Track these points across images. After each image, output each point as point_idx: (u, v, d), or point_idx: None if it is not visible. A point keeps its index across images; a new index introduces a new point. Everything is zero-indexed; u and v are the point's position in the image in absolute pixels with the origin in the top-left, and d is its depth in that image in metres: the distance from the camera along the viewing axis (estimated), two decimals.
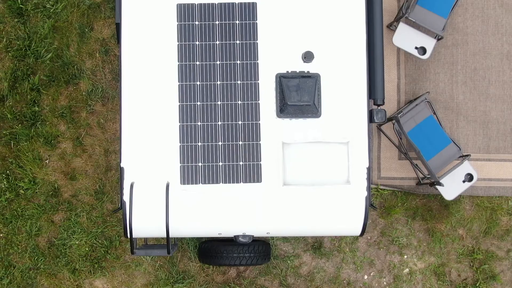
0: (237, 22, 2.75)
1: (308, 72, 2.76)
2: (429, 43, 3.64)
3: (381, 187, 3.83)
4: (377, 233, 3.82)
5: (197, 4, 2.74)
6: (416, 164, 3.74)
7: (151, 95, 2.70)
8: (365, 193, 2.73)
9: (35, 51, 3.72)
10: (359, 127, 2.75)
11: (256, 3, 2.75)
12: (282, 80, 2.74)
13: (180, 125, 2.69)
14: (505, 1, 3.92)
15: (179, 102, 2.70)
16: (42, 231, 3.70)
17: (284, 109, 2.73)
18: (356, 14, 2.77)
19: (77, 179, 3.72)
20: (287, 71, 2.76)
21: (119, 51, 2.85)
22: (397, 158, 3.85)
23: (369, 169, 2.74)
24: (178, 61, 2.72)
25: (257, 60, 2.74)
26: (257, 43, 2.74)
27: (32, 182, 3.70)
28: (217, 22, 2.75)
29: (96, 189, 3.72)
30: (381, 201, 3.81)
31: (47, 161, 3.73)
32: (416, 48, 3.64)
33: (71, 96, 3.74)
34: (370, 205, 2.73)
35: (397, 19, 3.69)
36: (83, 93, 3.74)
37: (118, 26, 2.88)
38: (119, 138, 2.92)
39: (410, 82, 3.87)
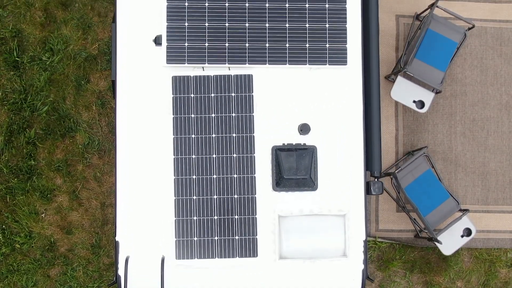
0: (233, 94, 2.73)
1: (304, 144, 2.74)
2: (427, 97, 3.62)
3: (379, 239, 3.80)
4: (375, 286, 3.79)
5: (193, 76, 2.72)
6: (414, 219, 3.72)
7: (147, 168, 2.68)
8: (362, 266, 2.71)
9: (31, 104, 3.70)
10: (356, 200, 2.73)
11: (252, 75, 2.73)
12: (278, 153, 2.72)
13: (175, 199, 2.67)
14: (504, 50, 3.90)
15: (174, 175, 2.68)
16: (38, 286, 3.68)
17: (280, 182, 2.71)
18: (353, 87, 2.75)
19: (73, 233, 3.70)
20: (283, 144, 2.74)
21: (114, 113, 2.83)
22: (395, 210, 3.82)
23: (365, 242, 2.72)
24: (174, 134, 2.70)
25: (253, 133, 2.72)
26: (253, 115, 2.72)
27: (28, 237, 3.68)
28: (212, 95, 2.73)
29: (93, 243, 3.70)
30: (379, 253, 3.79)
31: (43, 215, 3.71)
32: (414, 102, 3.62)
33: (67, 149, 3.72)
34: (366, 278, 2.71)
35: (395, 73, 3.67)
36: (80, 146, 3.72)
37: (113, 83, 2.86)
38: (114, 212, 2.91)
39: (409, 134, 3.85)
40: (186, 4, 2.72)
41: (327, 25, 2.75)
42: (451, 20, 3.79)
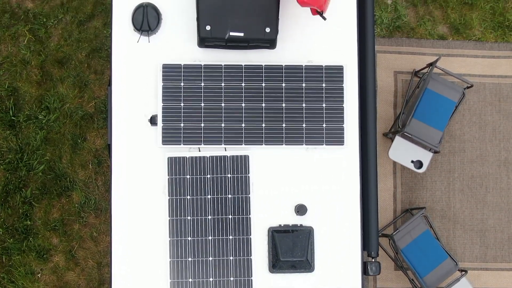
0: (229, 175, 2.71)
1: (301, 225, 2.72)
2: (426, 157, 3.60)
3: None
4: None
5: (189, 157, 2.70)
6: (412, 279, 3.70)
7: (142, 251, 2.67)
8: None
9: (27, 164, 3.68)
10: (353, 281, 2.71)
11: (248, 156, 2.71)
12: (275, 235, 2.70)
13: (170, 282, 2.65)
14: (503, 106, 3.88)
15: (170, 258, 2.66)
16: None
17: (277, 264, 2.69)
18: (350, 167, 2.74)
19: None
20: (280, 225, 2.72)
21: (109, 188, 2.81)
22: (393, 268, 3.81)
23: None
24: (169, 216, 2.68)
25: (250, 214, 2.70)
26: (249, 197, 2.70)
27: None
28: (208, 176, 2.71)
29: None
30: None
31: (39, 275, 3.69)
32: (412, 161, 3.60)
33: (63, 208, 3.70)
34: None
35: (393, 133, 3.65)
36: (76, 205, 3.70)
37: (109, 147, 2.84)
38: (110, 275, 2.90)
39: (407, 191, 3.83)
40: (182, 84, 2.70)
41: (324, 105, 2.73)
42: (448, 76, 3.78)
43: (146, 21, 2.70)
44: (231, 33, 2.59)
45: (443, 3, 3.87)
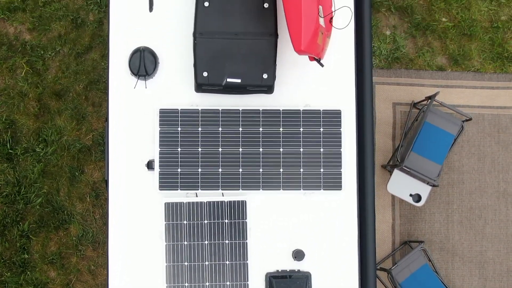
0: (226, 221, 2.70)
1: (298, 271, 2.71)
2: (424, 190, 3.59)
3: None
4: None
5: (186, 202, 2.69)
6: None
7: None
8: None
9: (25, 197, 3.68)
10: None
11: (245, 201, 2.70)
12: (273, 281, 2.69)
13: None
14: (502, 138, 3.87)
15: None
16: None
17: None
18: (347, 211, 2.73)
19: None
20: (277, 270, 2.71)
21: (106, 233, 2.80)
22: None
23: None
24: (166, 262, 2.67)
25: (247, 260, 2.68)
26: (246, 242, 2.69)
27: None
28: (206, 221, 2.70)
29: None
30: None
31: None
32: (411, 195, 3.59)
33: (61, 241, 3.69)
34: None
35: (392, 166, 3.64)
36: (74, 238, 3.69)
37: (106, 182, 2.84)
38: None
39: (405, 223, 3.82)
40: (179, 129, 2.69)
41: (321, 150, 2.72)
42: (447, 109, 3.77)
43: (143, 66, 2.69)
44: (228, 80, 2.59)
45: (442, 34, 3.86)
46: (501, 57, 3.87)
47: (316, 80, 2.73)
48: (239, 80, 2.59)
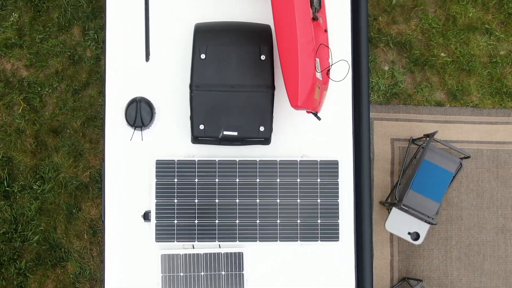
0: (223, 273, 2.68)
1: None
2: (422, 228, 3.57)
3: None
4: None
5: (182, 254, 2.68)
6: None
7: None
8: None
9: (22, 234, 3.66)
10: None
11: (242, 253, 2.69)
12: None
13: None
14: (500, 173, 3.86)
15: None
16: None
17: None
18: (345, 262, 2.71)
19: None
20: None
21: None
22: None
23: None
24: None
25: None
26: None
27: None
28: (202, 273, 2.68)
29: None
30: None
31: None
32: (409, 233, 3.58)
33: (58, 279, 3.68)
34: None
35: (390, 204, 3.62)
36: (71, 275, 3.68)
37: (103, 222, 2.83)
38: None
39: (404, 259, 3.81)
40: (176, 180, 2.68)
41: (318, 200, 2.71)
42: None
43: (140, 117, 2.68)
44: (225, 132, 2.57)
45: (441, 69, 3.85)
46: (500, 92, 3.86)
47: (313, 130, 2.72)
48: (235, 133, 2.58)
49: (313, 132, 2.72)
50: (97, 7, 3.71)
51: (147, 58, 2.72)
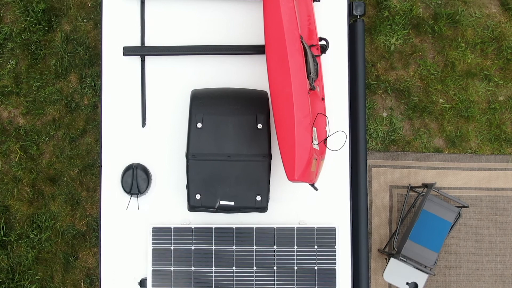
0: None
1: None
2: (421, 278, 3.56)
3: None
4: None
5: None
6: None
7: None
8: None
9: (19, 284, 3.65)
10: None
11: None
12: None
13: None
14: (499, 220, 3.84)
15: None
16: None
17: None
18: None
19: None
20: None
21: None
22: None
23: None
24: None
25: None
26: None
27: None
28: None
29: None
30: None
31: None
32: (407, 283, 3.56)
33: None
34: None
35: (388, 254, 3.61)
36: None
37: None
38: None
39: None
40: (172, 247, 2.67)
41: (316, 268, 2.69)
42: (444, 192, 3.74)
43: (136, 184, 2.66)
44: (222, 202, 2.56)
45: (439, 115, 3.83)
46: (499, 138, 3.85)
47: (310, 196, 2.71)
48: (232, 203, 2.56)
49: (310, 199, 2.70)
50: (94, 54, 3.70)
51: (143, 124, 2.70)
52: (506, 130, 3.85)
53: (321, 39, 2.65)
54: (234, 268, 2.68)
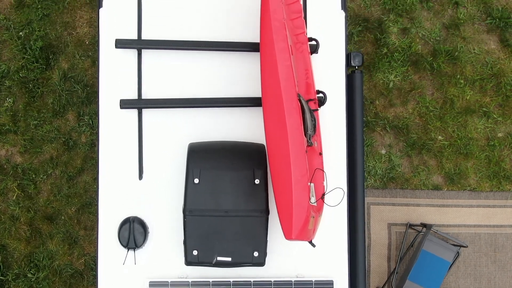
0: None
1: None
2: None
3: None
4: None
5: None
6: None
7: None
8: None
9: None
10: None
11: None
12: None
13: None
14: (498, 257, 3.83)
15: None
16: None
17: None
18: None
19: None
20: None
21: None
22: None
23: None
24: None
25: None
26: None
27: None
28: None
29: None
30: None
31: None
32: None
33: None
34: None
35: None
36: None
37: None
38: None
39: None
40: (169, 281, 2.66)
41: None
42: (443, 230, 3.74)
43: (133, 238, 2.65)
44: (219, 258, 2.55)
45: (438, 153, 3.82)
46: (498, 175, 3.84)
47: (308, 249, 2.70)
48: (229, 259, 2.55)
49: (308, 252, 2.69)
50: (92, 92, 3.69)
51: (140, 176, 2.69)
52: (505, 167, 3.84)
53: (318, 92, 2.64)
54: None
